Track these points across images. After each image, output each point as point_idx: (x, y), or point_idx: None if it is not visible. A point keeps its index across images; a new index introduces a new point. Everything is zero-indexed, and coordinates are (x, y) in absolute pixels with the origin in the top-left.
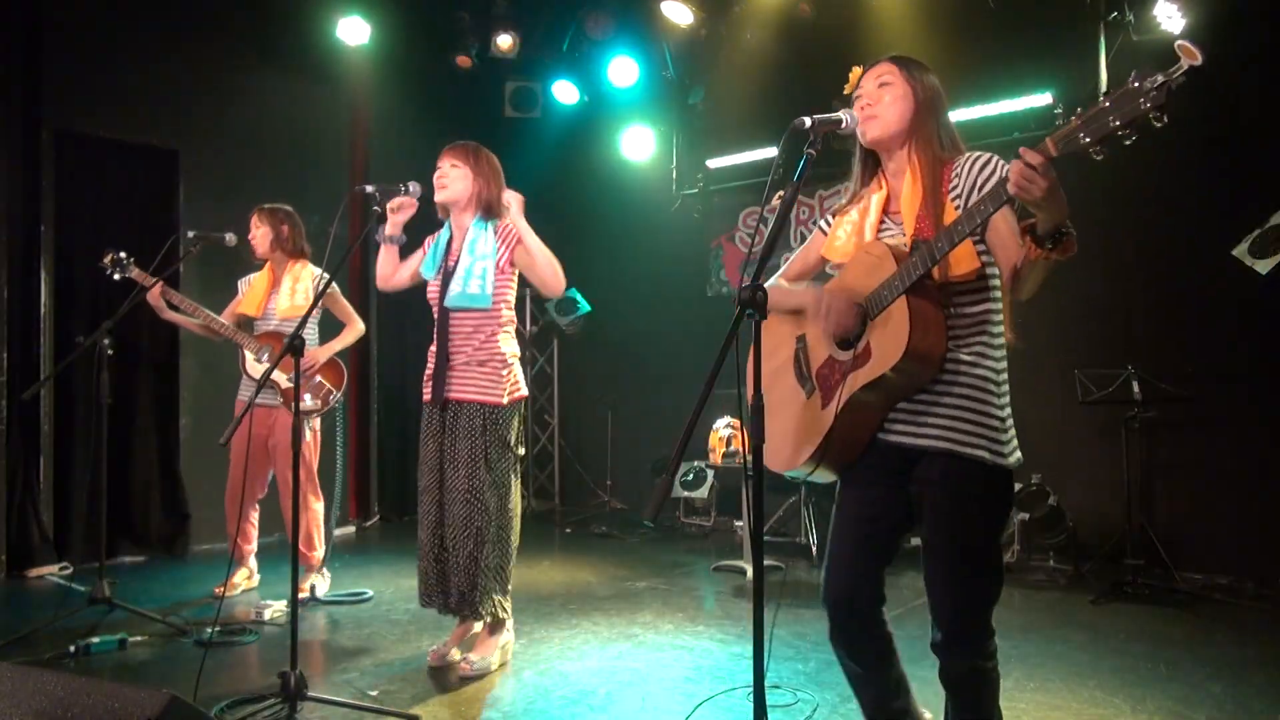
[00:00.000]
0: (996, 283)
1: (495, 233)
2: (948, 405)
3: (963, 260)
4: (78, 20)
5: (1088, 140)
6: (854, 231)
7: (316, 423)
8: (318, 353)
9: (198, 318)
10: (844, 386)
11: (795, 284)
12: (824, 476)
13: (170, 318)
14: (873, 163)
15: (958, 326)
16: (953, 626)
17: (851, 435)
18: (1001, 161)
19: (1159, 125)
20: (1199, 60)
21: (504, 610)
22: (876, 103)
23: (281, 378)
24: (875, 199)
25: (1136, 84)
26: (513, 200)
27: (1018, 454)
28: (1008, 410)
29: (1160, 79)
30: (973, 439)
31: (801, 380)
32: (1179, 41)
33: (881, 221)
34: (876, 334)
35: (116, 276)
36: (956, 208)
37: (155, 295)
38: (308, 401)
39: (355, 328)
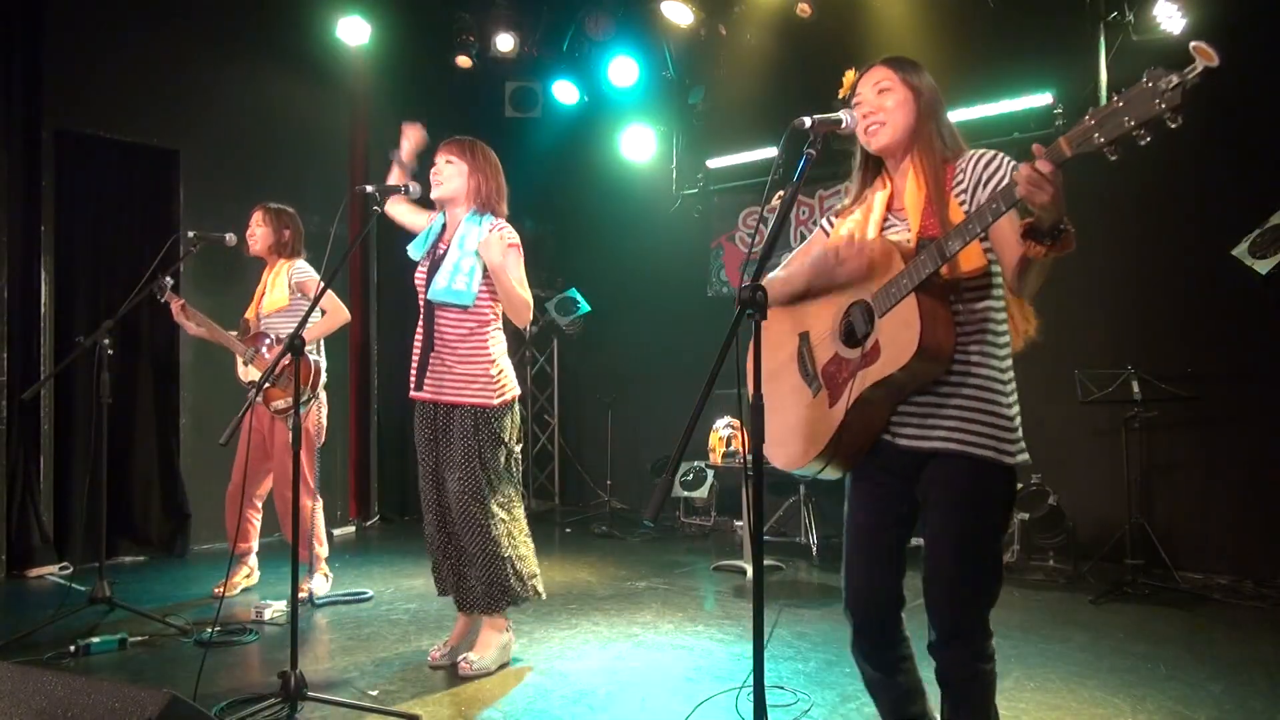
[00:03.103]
0: (999, 280)
1: (487, 230)
2: (957, 406)
3: (971, 257)
4: (78, 20)
5: (1102, 140)
6: (858, 228)
7: (311, 422)
8: (279, 348)
9: (203, 328)
10: (853, 384)
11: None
12: (831, 474)
13: (195, 332)
14: (875, 164)
15: (964, 323)
16: (952, 627)
17: (861, 433)
18: (1007, 158)
19: (1173, 126)
20: (1215, 62)
21: (537, 592)
22: (879, 110)
23: (255, 376)
24: (880, 196)
25: (1150, 83)
26: (488, 244)
27: (1025, 454)
28: (1016, 409)
29: (1175, 79)
30: (982, 439)
31: (807, 378)
32: (1194, 43)
33: (885, 219)
34: (885, 332)
35: (161, 299)
36: (962, 204)
37: (177, 310)
38: (280, 404)
39: (336, 314)
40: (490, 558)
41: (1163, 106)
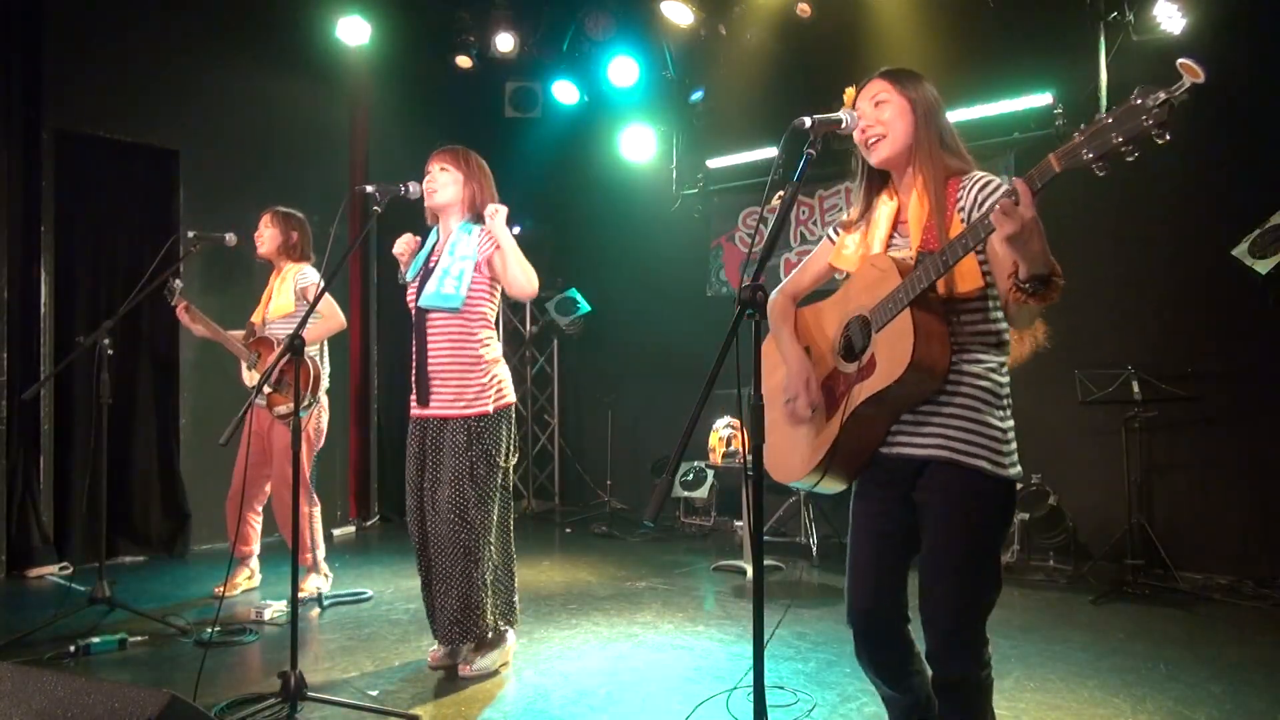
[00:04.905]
0: (996, 297)
1: (478, 235)
2: (948, 415)
3: (966, 277)
4: (78, 21)
5: (1091, 156)
6: (862, 241)
7: (311, 426)
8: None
9: (206, 329)
10: (849, 399)
11: (792, 310)
12: (830, 487)
13: (200, 333)
14: (880, 177)
15: (961, 341)
16: (949, 634)
17: (856, 446)
18: (1005, 184)
19: (1161, 143)
20: (1201, 78)
21: (505, 622)
22: (876, 123)
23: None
24: (886, 211)
25: (1139, 100)
26: (498, 211)
27: (1018, 467)
28: (1010, 424)
29: (1163, 96)
30: (973, 449)
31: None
32: (1181, 60)
33: (891, 235)
34: (881, 347)
35: (172, 302)
36: (963, 222)
37: (181, 310)
38: (283, 409)
39: (332, 319)
40: (468, 579)
41: (1149, 123)
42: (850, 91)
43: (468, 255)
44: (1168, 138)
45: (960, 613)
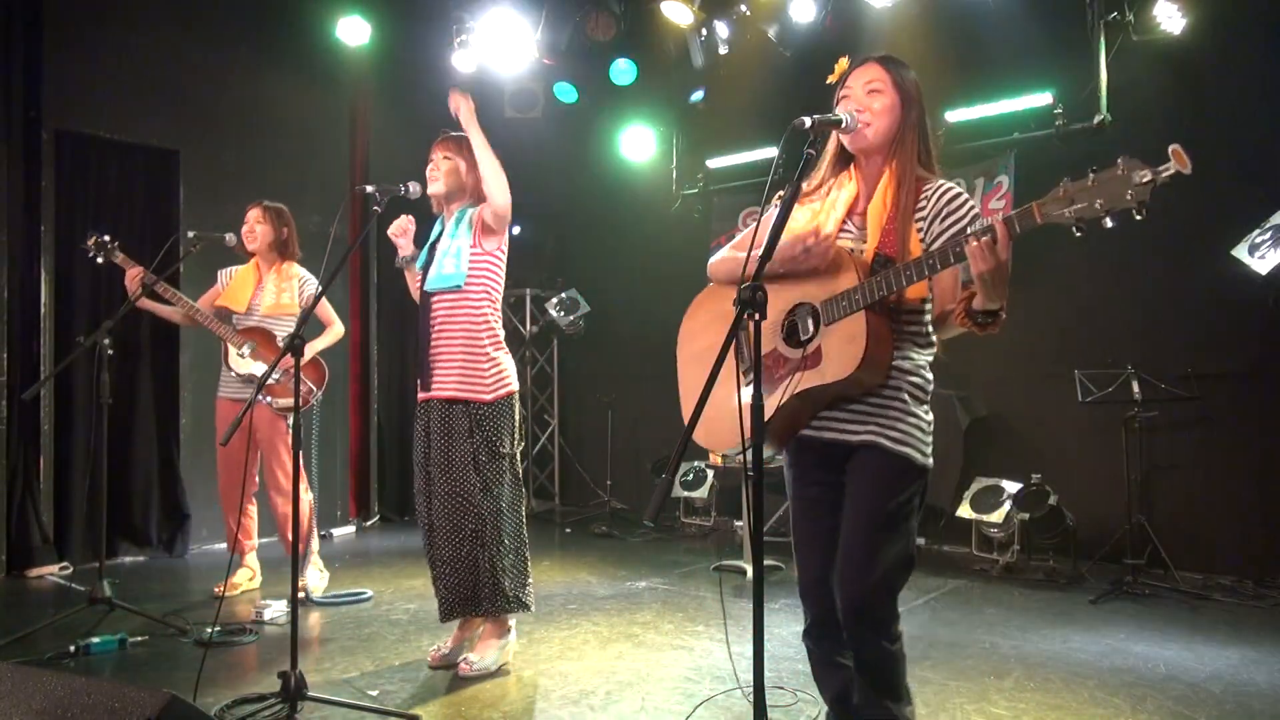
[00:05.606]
0: (931, 305)
1: (470, 212)
2: (888, 409)
3: (916, 286)
4: (78, 20)
5: (1073, 217)
6: (814, 219)
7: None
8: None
9: (180, 307)
10: (789, 384)
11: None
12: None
13: (146, 305)
14: (845, 156)
15: (898, 340)
16: (860, 606)
17: (787, 426)
18: (971, 202)
19: (1139, 218)
20: (1188, 171)
21: (518, 604)
22: (864, 110)
23: (254, 368)
24: (844, 195)
25: (1123, 172)
26: (463, 100)
27: (931, 460)
28: (930, 416)
29: (1148, 175)
30: (904, 437)
31: (742, 363)
32: (1174, 147)
33: (844, 222)
34: (830, 341)
35: (100, 260)
36: (919, 230)
37: (134, 280)
38: (285, 401)
39: (334, 329)
40: (474, 563)
41: (1131, 199)
42: (843, 62)
43: (462, 233)
44: (1144, 215)
45: (874, 586)
